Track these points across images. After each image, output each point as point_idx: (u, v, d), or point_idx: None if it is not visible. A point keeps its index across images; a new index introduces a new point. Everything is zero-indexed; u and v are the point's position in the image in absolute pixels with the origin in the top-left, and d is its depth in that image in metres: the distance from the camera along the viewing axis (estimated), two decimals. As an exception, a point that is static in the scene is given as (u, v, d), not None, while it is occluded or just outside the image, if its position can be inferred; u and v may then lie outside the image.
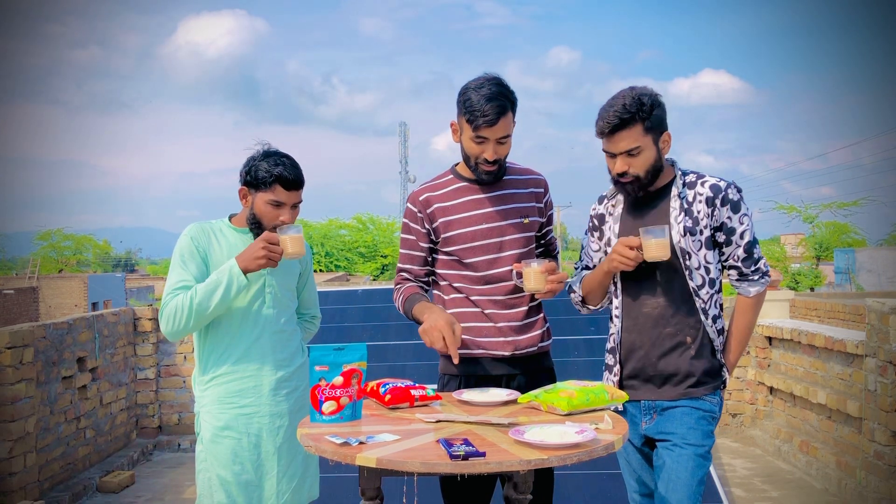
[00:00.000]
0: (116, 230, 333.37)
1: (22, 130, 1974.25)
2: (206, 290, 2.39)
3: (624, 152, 2.24)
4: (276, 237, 2.40)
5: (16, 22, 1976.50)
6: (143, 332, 5.96)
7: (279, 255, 2.40)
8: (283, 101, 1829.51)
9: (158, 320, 2.44)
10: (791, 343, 5.28)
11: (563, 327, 5.14)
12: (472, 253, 2.45)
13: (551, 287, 2.33)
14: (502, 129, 2.34)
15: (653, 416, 2.32)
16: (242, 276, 2.40)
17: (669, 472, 2.24)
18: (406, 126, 60.05)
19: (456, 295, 2.50)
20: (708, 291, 2.30)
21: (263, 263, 2.39)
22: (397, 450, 1.79)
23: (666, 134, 2.29)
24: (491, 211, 2.46)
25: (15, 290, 23.20)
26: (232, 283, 2.39)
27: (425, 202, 2.50)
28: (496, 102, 2.30)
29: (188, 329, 2.41)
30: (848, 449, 4.47)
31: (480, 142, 2.36)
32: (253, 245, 2.40)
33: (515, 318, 2.47)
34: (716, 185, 2.28)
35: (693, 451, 2.24)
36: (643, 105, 2.21)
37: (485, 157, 2.37)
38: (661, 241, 2.19)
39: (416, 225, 2.51)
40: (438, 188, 2.51)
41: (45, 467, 4.57)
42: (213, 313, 2.41)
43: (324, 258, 27.38)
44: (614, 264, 2.29)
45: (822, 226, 26.71)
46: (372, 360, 2.29)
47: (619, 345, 2.38)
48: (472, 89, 2.34)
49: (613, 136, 2.23)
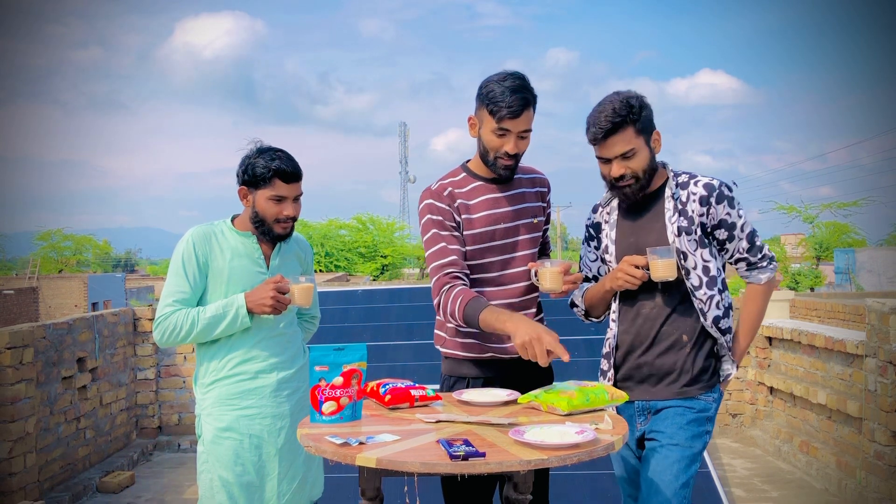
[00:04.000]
0: (116, 230, 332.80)
1: (22, 130, 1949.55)
2: (210, 321, 2.43)
3: (619, 156, 2.24)
4: (285, 286, 2.43)
5: (16, 22, 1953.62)
6: (143, 332, 5.95)
7: (286, 305, 2.45)
8: (283, 102, 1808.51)
9: (153, 327, 2.46)
10: (791, 343, 5.28)
11: (563, 327, 5.13)
12: (487, 253, 2.41)
13: (567, 287, 2.31)
14: (524, 123, 2.32)
15: (647, 417, 2.32)
16: (248, 318, 2.45)
17: (653, 472, 2.23)
18: (406, 126, 60.05)
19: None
20: (707, 292, 2.29)
21: (269, 311, 2.44)
22: (397, 450, 1.79)
23: (656, 133, 2.30)
24: (508, 210, 2.43)
25: (15, 290, 23.20)
26: (236, 321, 2.45)
27: (451, 196, 2.42)
28: (521, 94, 2.28)
29: (180, 344, 2.51)
30: (848, 449, 4.47)
31: (502, 134, 2.32)
32: (263, 289, 2.44)
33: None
34: (709, 184, 2.28)
35: (679, 451, 2.22)
36: (632, 107, 2.22)
37: (506, 151, 2.33)
38: (668, 262, 2.21)
39: (448, 219, 2.38)
40: (457, 185, 2.44)
41: (45, 467, 4.57)
42: (209, 339, 2.49)
43: (324, 258, 27.38)
44: (619, 283, 2.29)
45: (822, 226, 26.71)
46: (372, 361, 2.29)
47: (614, 349, 2.38)
48: (495, 82, 2.32)
49: (606, 140, 2.24)
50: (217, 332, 2.45)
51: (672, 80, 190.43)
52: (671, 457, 2.21)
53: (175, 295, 2.46)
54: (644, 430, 2.33)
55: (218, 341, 2.51)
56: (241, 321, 2.44)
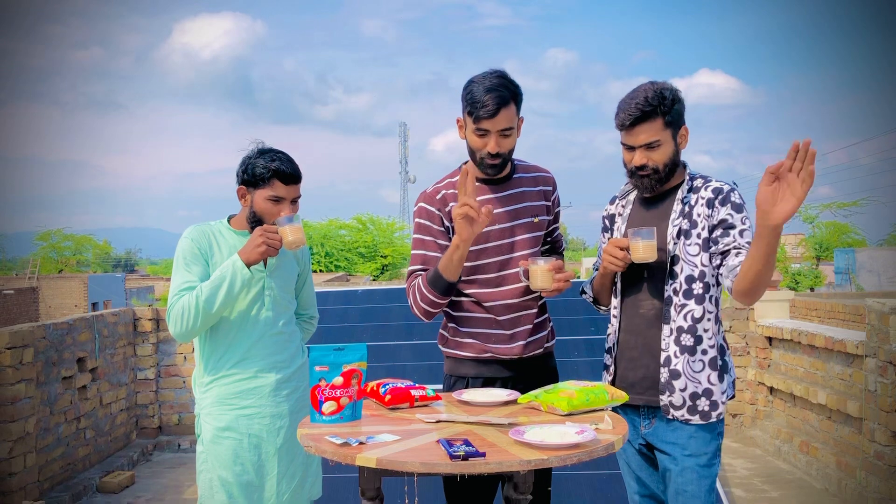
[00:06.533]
0: (116, 230, 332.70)
1: (22, 130, 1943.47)
2: (212, 287, 2.38)
3: (643, 145, 2.22)
4: (274, 228, 2.40)
5: (16, 22, 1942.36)
6: (143, 332, 5.96)
7: (279, 242, 2.39)
8: (283, 102, 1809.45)
9: (166, 322, 2.43)
10: (791, 343, 5.28)
11: (563, 327, 5.14)
12: (483, 254, 2.41)
13: (558, 285, 2.31)
14: (503, 121, 2.30)
15: (651, 420, 2.31)
16: (245, 269, 2.39)
17: (678, 486, 2.22)
18: (406, 127, 60.09)
19: (466, 300, 2.45)
20: (682, 301, 2.22)
21: (264, 251, 2.38)
22: (397, 450, 1.79)
23: (684, 128, 2.27)
24: (503, 211, 2.43)
25: (15, 290, 23.19)
26: (236, 276, 2.39)
27: (443, 200, 2.44)
28: (496, 93, 2.27)
29: (196, 328, 2.41)
30: (848, 449, 4.47)
31: (482, 134, 2.32)
32: (252, 237, 2.40)
33: (527, 322, 2.45)
34: (718, 188, 2.25)
35: (695, 461, 2.22)
36: (665, 99, 2.19)
37: (487, 151, 2.32)
38: (648, 244, 2.18)
39: (435, 224, 2.43)
40: (452, 187, 2.45)
41: (45, 467, 4.57)
42: (219, 310, 2.41)
43: (324, 258, 27.37)
44: (604, 265, 2.29)
45: (822, 226, 26.70)
46: (372, 361, 2.29)
47: (615, 344, 2.37)
48: (475, 82, 2.32)
49: (634, 128, 2.21)
50: (221, 296, 2.38)
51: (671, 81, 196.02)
52: (690, 468, 2.21)
53: (182, 286, 2.43)
54: (650, 434, 2.31)
55: (217, 339, 2.50)
56: (241, 276, 2.38)
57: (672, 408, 2.23)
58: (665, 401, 2.24)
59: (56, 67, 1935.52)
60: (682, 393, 2.22)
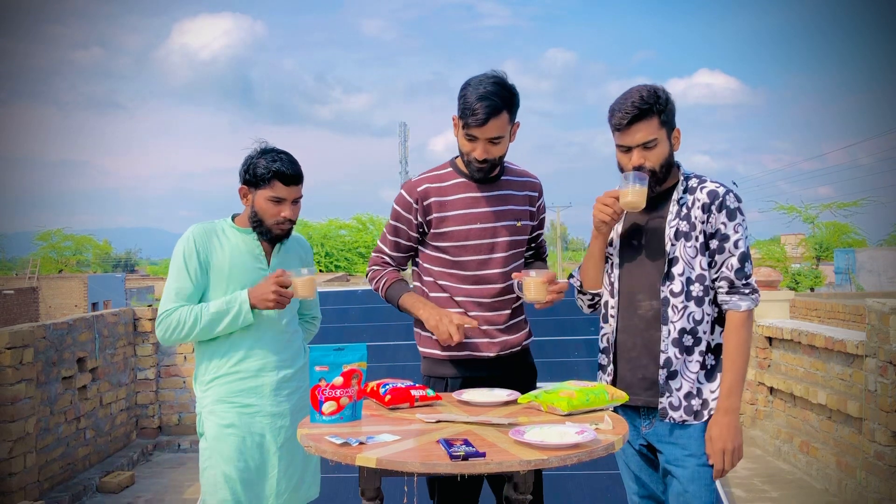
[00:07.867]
0: (116, 230, 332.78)
1: (22, 130, 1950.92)
2: (213, 317, 2.43)
3: (640, 145, 2.21)
4: (287, 280, 2.43)
5: (16, 22, 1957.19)
6: (143, 332, 5.96)
7: (289, 298, 2.45)
8: (283, 102, 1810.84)
9: (155, 325, 2.46)
10: (791, 343, 5.28)
11: (563, 327, 5.13)
12: (463, 251, 2.43)
13: (552, 297, 2.33)
14: (493, 130, 2.30)
15: (651, 420, 2.30)
16: (250, 314, 2.45)
17: (678, 486, 2.22)
18: (406, 127, 60.08)
19: (440, 294, 2.48)
20: (682, 301, 2.22)
21: (272, 306, 2.44)
22: (397, 450, 1.79)
23: (677, 130, 2.27)
24: (486, 211, 2.44)
25: (15, 290, 23.20)
26: (239, 317, 2.45)
27: (423, 193, 2.45)
28: (487, 102, 2.26)
29: (183, 342, 2.49)
30: (848, 449, 4.47)
31: (471, 140, 2.33)
32: (265, 285, 2.43)
33: (498, 321, 2.47)
34: (713, 192, 2.22)
35: (696, 462, 2.22)
36: (659, 98, 2.19)
37: (475, 156, 2.34)
38: (636, 189, 2.16)
39: (409, 215, 2.47)
40: (437, 180, 2.46)
41: (45, 467, 4.57)
42: (213, 336, 2.48)
43: (324, 258, 27.38)
44: (595, 220, 2.27)
45: (822, 226, 26.70)
46: (372, 361, 2.29)
47: (612, 345, 2.37)
48: (471, 86, 2.31)
49: (630, 128, 2.20)
50: (220, 328, 2.45)
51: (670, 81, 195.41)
52: (692, 469, 2.21)
53: (177, 291, 2.46)
54: (651, 435, 2.30)
55: (219, 338, 2.51)
56: (244, 317, 2.44)
57: (670, 409, 2.23)
58: (664, 403, 2.23)
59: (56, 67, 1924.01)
60: (678, 393, 2.22)
